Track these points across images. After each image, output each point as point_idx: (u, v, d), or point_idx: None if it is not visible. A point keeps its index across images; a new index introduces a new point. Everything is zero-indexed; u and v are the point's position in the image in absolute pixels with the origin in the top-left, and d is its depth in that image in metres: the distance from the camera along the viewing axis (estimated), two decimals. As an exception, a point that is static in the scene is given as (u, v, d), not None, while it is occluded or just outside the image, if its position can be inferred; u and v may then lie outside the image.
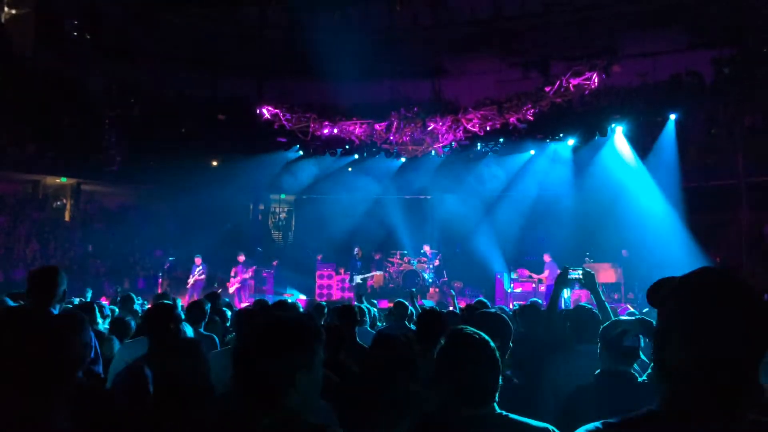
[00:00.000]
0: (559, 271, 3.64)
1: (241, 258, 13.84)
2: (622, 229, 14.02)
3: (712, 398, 1.11)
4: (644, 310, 4.88)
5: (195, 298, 11.22)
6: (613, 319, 2.84)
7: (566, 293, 13.26)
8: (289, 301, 6.57)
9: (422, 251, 15.41)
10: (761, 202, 14.32)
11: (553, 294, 3.67)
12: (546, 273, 13.13)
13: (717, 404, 1.11)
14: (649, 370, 2.49)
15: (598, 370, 2.52)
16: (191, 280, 13.50)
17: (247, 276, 13.68)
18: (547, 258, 13.28)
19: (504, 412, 1.82)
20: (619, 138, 14.95)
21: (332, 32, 17.83)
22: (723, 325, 1.11)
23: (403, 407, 2.36)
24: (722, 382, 1.11)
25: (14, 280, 13.86)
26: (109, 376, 3.19)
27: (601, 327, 2.65)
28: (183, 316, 3.85)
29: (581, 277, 3.51)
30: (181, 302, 6.69)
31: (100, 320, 4.79)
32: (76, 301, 6.47)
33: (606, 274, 13.21)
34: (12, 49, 13.96)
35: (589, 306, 3.57)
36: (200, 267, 13.52)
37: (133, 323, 4.58)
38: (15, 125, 16.26)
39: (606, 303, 3.44)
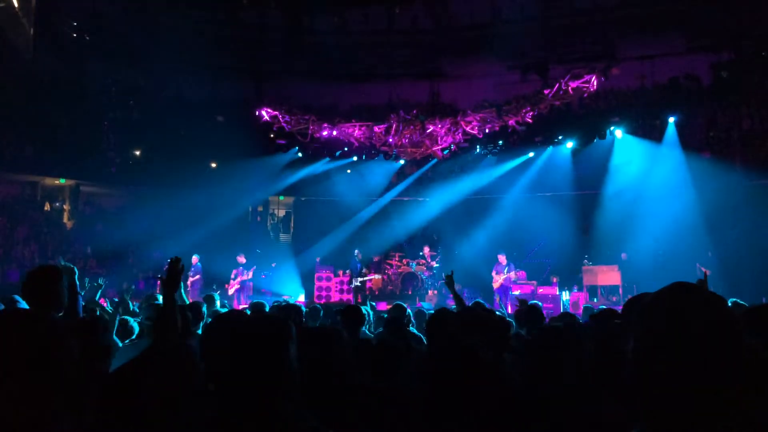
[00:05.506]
0: (514, 272, 3.73)
1: (242, 259, 13.79)
2: (622, 231, 14.03)
3: (692, 418, 1.08)
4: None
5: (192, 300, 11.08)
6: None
7: (565, 295, 13.29)
8: (289, 303, 6.51)
9: (421, 253, 15.39)
10: (760, 205, 14.31)
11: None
12: (512, 274, 12.91)
13: (697, 424, 1.08)
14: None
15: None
16: (189, 282, 13.13)
17: (247, 278, 13.64)
18: (503, 259, 12.72)
19: None
20: (618, 140, 14.96)
21: (331, 35, 17.87)
22: (694, 341, 1.09)
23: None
24: (700, 400, 1.08)
25: (11, 281, 13.85)
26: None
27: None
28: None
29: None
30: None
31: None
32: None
33: (605, 277, 13.23)
34: (11, 49, 13.92)
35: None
36: (195, 267, 13.27)
37: (136, 325, 4.53)
38: (13, 126, 16.24)
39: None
